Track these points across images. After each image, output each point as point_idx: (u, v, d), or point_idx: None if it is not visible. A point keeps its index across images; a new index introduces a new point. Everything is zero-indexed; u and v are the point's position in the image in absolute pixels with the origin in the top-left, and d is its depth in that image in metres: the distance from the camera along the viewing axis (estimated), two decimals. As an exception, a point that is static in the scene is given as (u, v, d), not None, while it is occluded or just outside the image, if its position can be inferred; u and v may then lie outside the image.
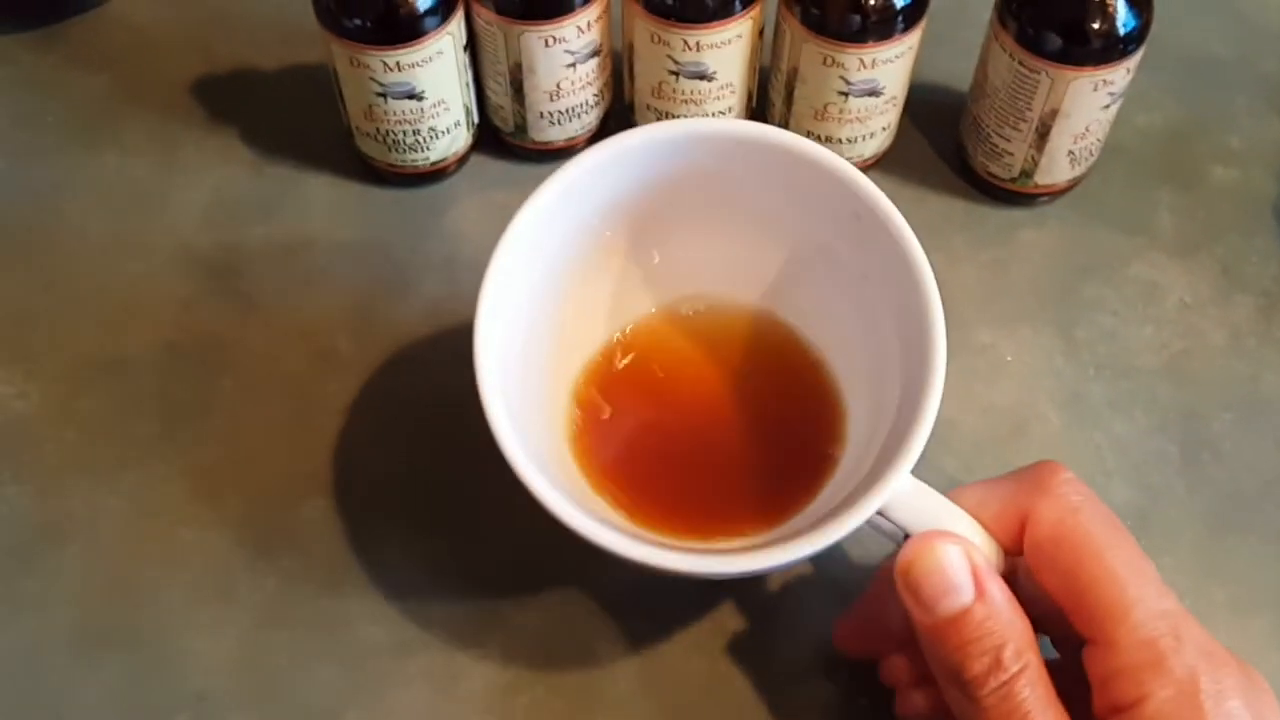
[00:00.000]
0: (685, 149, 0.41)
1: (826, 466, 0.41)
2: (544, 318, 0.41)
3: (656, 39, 0.47)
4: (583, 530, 0.34)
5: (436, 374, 0.46)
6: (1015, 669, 0.32)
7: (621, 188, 0.41)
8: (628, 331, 0.44)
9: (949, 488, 0.36)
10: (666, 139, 0.40)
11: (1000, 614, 0.32)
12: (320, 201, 0.51)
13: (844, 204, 0.40)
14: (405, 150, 0.49)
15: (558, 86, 0.49)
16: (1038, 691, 0.32)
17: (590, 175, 0.39)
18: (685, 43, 0.47)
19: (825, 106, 0.48)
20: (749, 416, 0.43)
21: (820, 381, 0.43)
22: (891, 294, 0.39)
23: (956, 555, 0.33)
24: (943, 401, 0.45)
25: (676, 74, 0.48)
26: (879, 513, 0.35)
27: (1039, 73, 0.46)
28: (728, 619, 0.41)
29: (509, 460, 0.34)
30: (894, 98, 0.49)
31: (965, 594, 0.33)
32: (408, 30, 0.45)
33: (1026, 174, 0.49)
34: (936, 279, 0.49)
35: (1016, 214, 0.51)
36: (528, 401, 0.38)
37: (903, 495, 0.35)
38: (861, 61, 0.46)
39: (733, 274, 0.44)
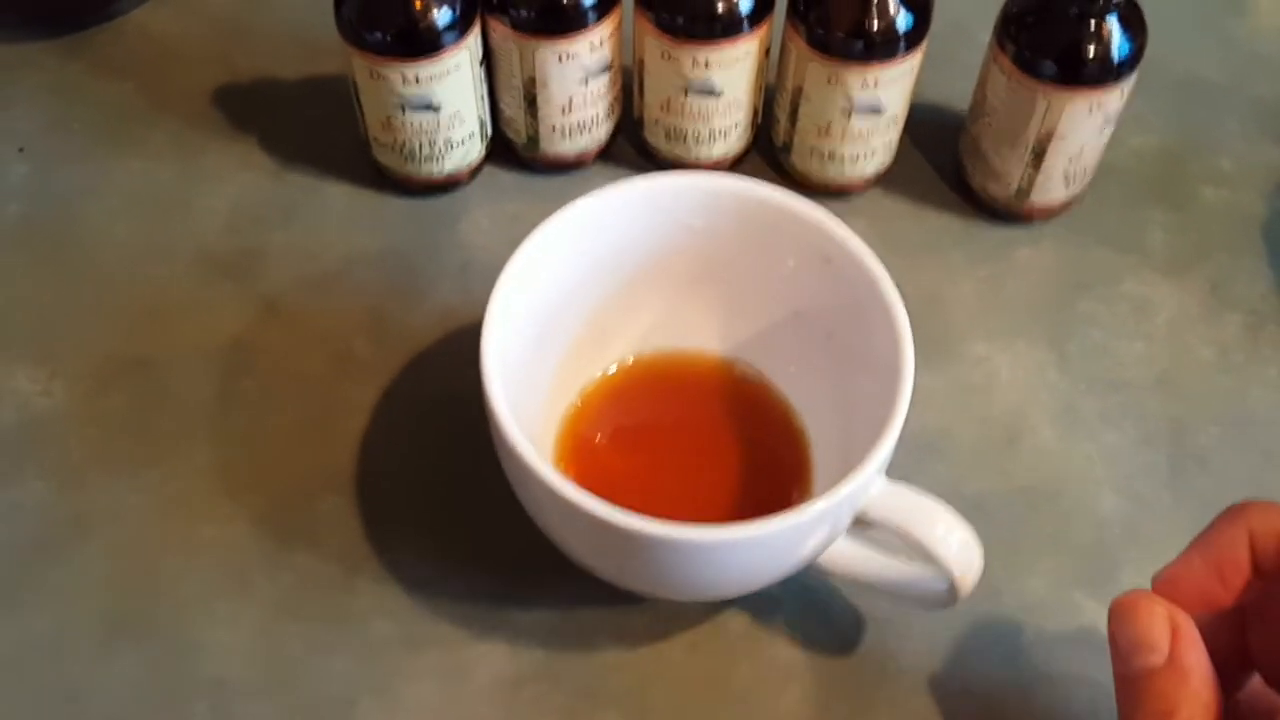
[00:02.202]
0: (666, 202, 0.42)
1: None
2: (536, 359, 0.42)
3: (666, 56, 0.48)
4: (567, 494, 0.35)
5: (449, 377, 0.47)
6: None
7: (603, 240, 0.42)
8: (599, 380, 0.46)
9: (943, 495, 0.37)
10: (646, 192, 0.42)
11: (1185, 683, 0.32)
12: (338, 209, 0.53)
13: (813, 249, 0.41)
14: (421, 161, 0.51)
15: (570, 101, 0.50)
16: None
17: (568, 229, 0.41)
18: (694, 60, 0.48)
19: (828, 124, 0.50)
20: (718, 467, 0.44)
21: (789, 432, 0.44)
22: (861, 333, 0.40)
23: (1159, 617, 0.33)
24: (938, 412, 0.47)
25: (685, 90, 0.49)
26: (859, 519, 0.37)
27: (1036, 95, 0.47)
28: (728, 621, 0.43)
29: (506, 439, 0.36)
30: (895, 117, 0.50)
31: (1157, 655, 0.33)
32: (427, 44, 0.46)
33: (1023, 193, 0.51)
34: (934, 294, 0.51)
35: (1013, 232, 0.53)
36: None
37: (878, 494, 0.36)
38: (864, 81, 0.48)
39: (708, 325, 0.46)
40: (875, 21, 0.46)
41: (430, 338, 0.49)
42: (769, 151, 0.54)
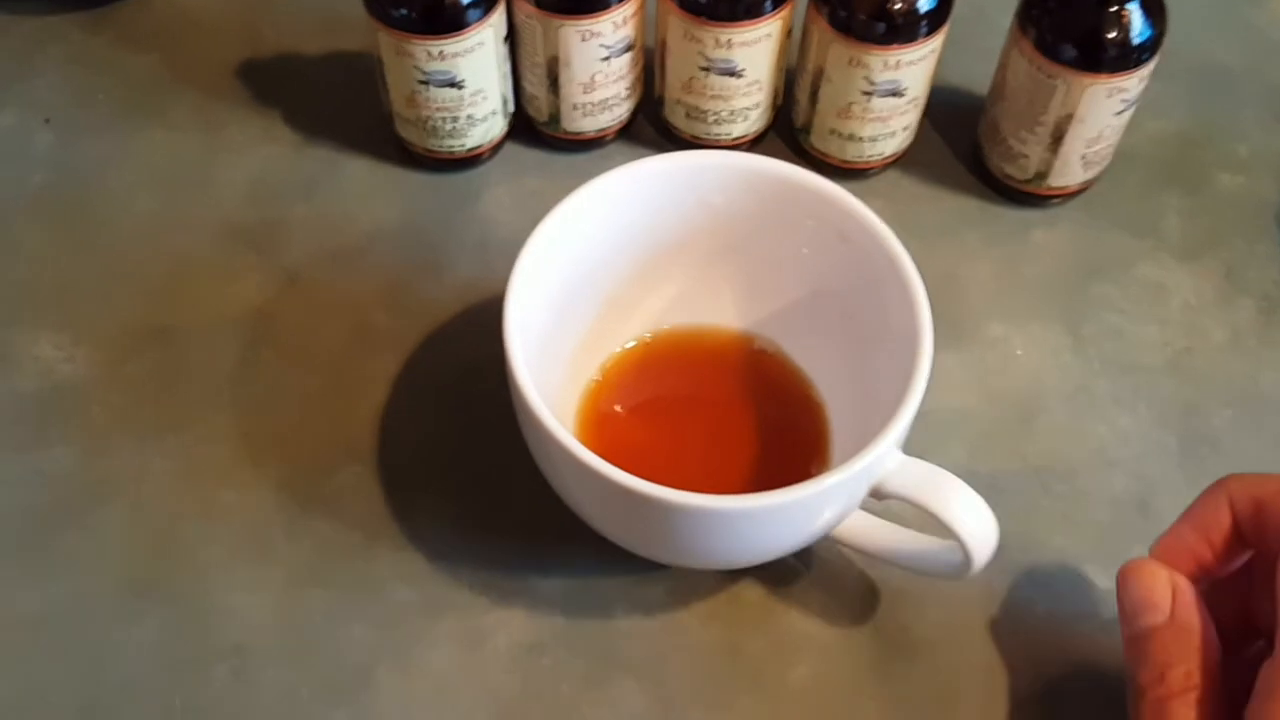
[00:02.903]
0: (687, 179, 0.42)
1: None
2: (555, 332, 0.43)
3: (689, 36, 0.49)
4: (589, 462, 0.35)
5: (468, 349, 0.48)
6: (1177, 688, 0.35)
7: (624, 217, 0.43)
8: (619, 354, 0.46)
9: (957, 474, 0.37)
10: (667, 169, 0.42)
11: (1185, 639, 0.35)
12: (359, 183, 0.53)
13: (832, 227, 0.41)
14: (443, 136, 0.51)
15: (592, 79, 0.50)
16: (1192, 713, 0.34)
17: (591, 205, 0.41)
18: (717, 40, 0.48)
19: (849, 105, 0.50)
20: (737, 439, 0.44)
21: (808, 406, 0.45)
22: (879, 310, 0.40)
23: (1161, 579, 0.36)
24: (953, 392, 0.48)
25: (707, 70, 0.50)
26: (876, 491, 0.37)
27: (1056, 79, 0.47)
28: (745, 590, 0.43)
29: (529, 407, 0.36)
30: (915, 99, 0.51)
31: (1159, 614, 0.36)
32: (452, 21, 0.47)
33: (1041, 176, 0.51)
34: (951, 275, 0.51)
35: (1030, 214, 0.53)
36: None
37: (895, 468, 0.37)
38: (885, 63, 0.48)
39: (727, 302, 0.46)
40: (898, 3, 0.47)
41: (450, 311, 0.49)
42: (788, 132, 0.55)
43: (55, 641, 0.42)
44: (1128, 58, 0.47)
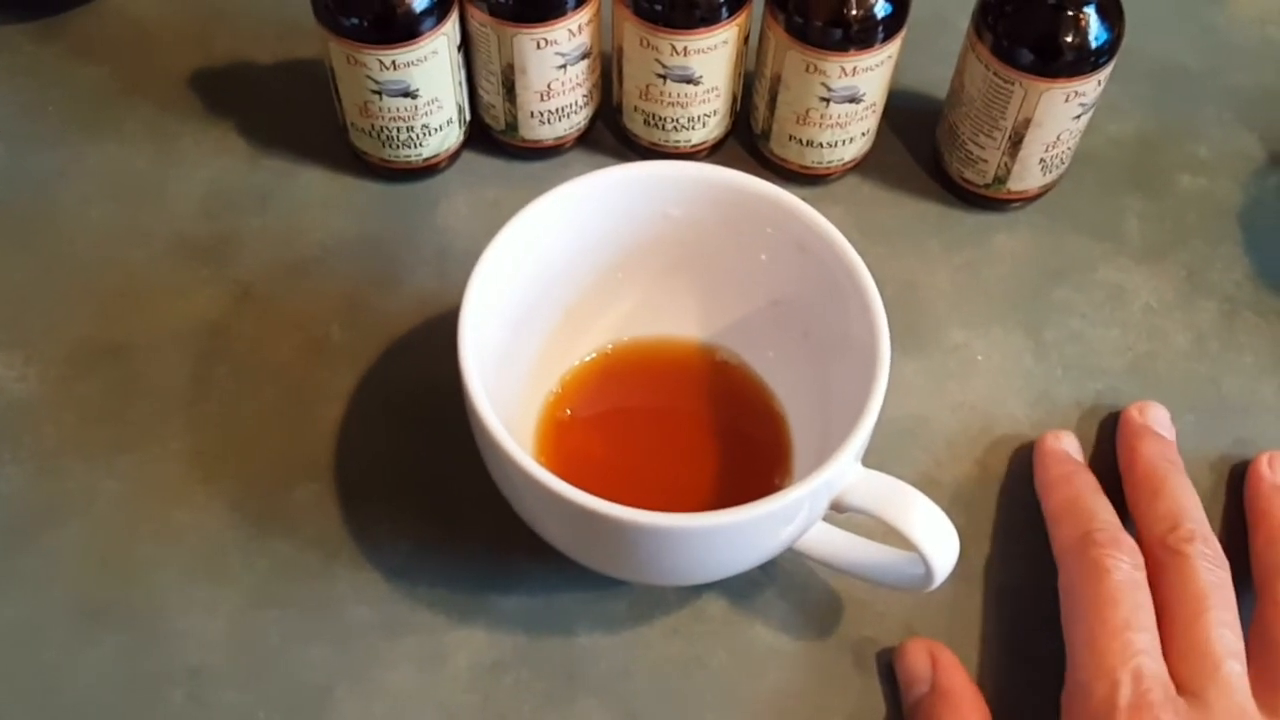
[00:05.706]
0: (645, 190, 0.42)
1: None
2: (515, 346, 0.42)
3: (645, 43, 0.48)
4: (545, 482, 0.35)
5: (426, 363, 0.47)
6: None
7: (581, 228, 0.42)
8: (578, 366, 0.46)
9: (920, 481, 0.38)
10: (624, 180, 0.42)
11: (946, 701, 0.39)
12: (314, 194, 0.52)
13: (790, 237, 0.41)
14: (399, 146, 0.50)
15: (548, 87, 0.50)
16: None
17: (548, 215, 0.41)
18: (673, 47, 0.48)
19: (807, 112, 0.50)
20: (699, 451, 0.44)
21: (769, 416, 0.44)
22: (838, 321, 0.40)
23: (921, 652, 0.40)
24: (915, 399, 0.47)
25: (664, 77, 0.49)
26: (837, 504, 0.37)
27: (1013, 83, 0.47)
28: (707, 605, 0.43)
29: (484, 427, 0.36)
30: (873, 104, 0.50)
31: (923, 684, 0.40)
32: (404, 30, 0.46)
33: (1000, 180, 0.51)
34: (911, 281, 0.51)
35: (990, 218, 0.53)
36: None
37: (855, 482, 0.37)
38: (843, 69, 0.48)
39: (687, 312, 0.46)
40: (854, 10, 0.46)
41: (407, 324, 0.49)
42: (747, 138, 0.54)
43: (6, 668, 0.41)
44: (1085, 61, 0.46)
